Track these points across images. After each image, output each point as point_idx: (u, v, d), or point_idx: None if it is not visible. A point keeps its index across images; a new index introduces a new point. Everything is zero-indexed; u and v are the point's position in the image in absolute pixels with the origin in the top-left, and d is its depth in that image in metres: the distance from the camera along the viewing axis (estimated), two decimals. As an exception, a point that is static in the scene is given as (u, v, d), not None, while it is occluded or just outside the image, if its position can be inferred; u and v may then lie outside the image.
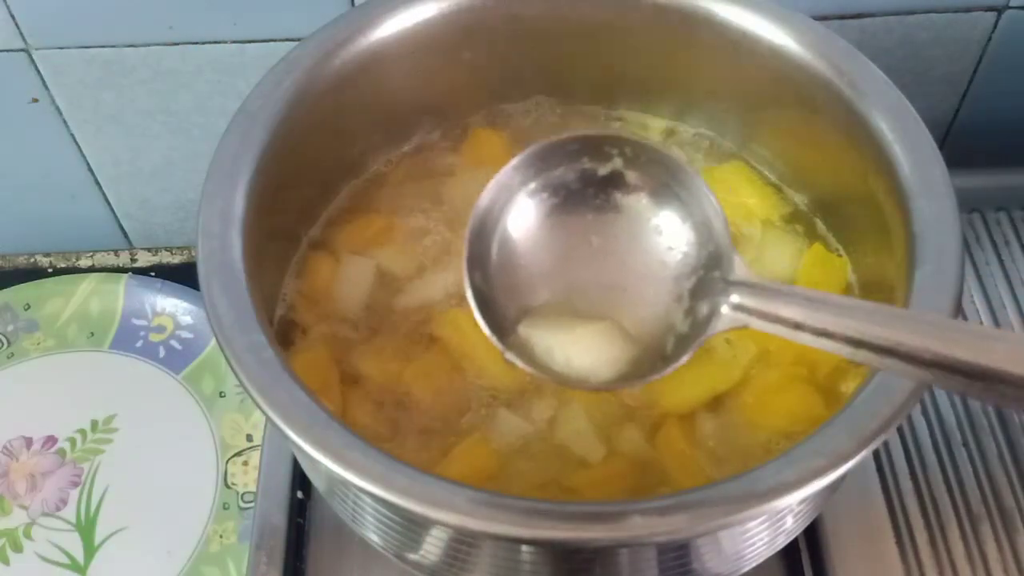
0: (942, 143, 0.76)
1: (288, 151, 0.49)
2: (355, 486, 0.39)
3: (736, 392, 0.49)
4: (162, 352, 0.75)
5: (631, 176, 0.43)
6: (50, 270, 0.81)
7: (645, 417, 0.49)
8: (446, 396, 0.49)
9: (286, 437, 0.40)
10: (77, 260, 0.81)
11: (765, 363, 0.50)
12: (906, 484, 0.59)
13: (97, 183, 0.77)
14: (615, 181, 0.43)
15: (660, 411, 0.49)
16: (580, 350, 0.42)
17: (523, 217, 0.43)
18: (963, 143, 0.77)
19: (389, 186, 0.57)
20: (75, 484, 0.69)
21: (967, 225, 0.70)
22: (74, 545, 0.67)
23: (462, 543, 0.44)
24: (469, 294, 0.41)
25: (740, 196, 0.55)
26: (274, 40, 0.66)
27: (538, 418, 0.49)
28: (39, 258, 0.81)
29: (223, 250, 0.44)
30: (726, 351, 0.50)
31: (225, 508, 0.68)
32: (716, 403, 0.49)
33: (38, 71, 0.68)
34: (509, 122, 0.59)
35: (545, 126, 0.59)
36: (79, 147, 0.74)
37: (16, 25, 0.65)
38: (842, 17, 0.68)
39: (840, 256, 0.54)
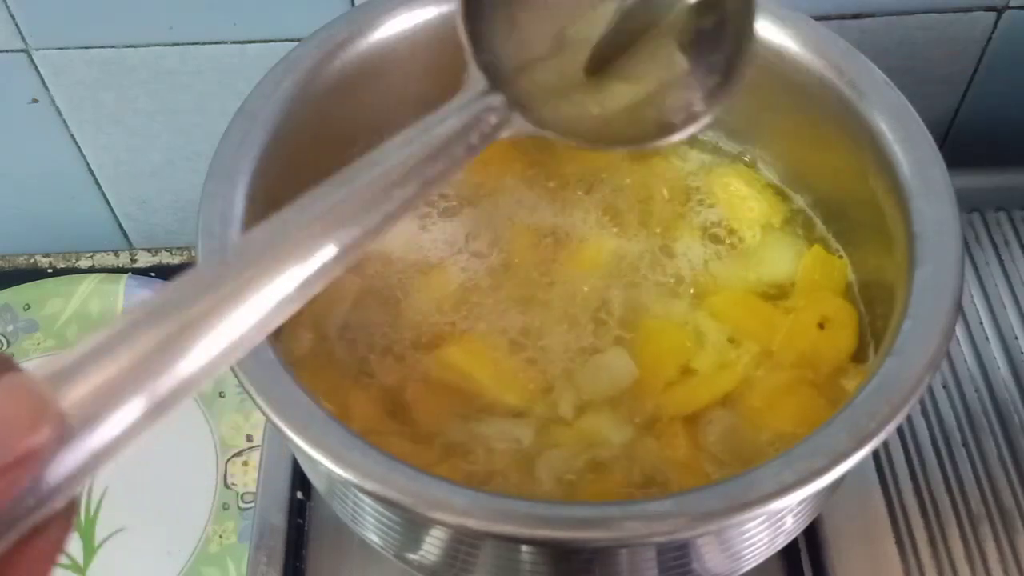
0: (942, 143, 0.76)
1: (288, 151, 0.49)
2: (355, 486, 0.39)
3: (741, 395, 0.49)
4: (162, 352, 0.75)
5: None
6: (50, 270, 0.81)
7: (650, 420, 0.49)
8: (447, 411, 0.49)
9: (286, 437, 0.40)
10: (77, 260, 0.81)
11: (768, 365, 0.50)
12: (906, 484, 0.59)
13: (97, 183, 0.77)
14: None
15: (665, 414, 0.49)
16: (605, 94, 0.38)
17: None
18: (963, 143, 0.77)
19: (389, 186, 0.57)
20: (75, 484, 0.69)
21: (967, 225, 0.70)
22: (74, 546, 0.67)
23: (462, 543, 0.44)
24: (465, 40, 0.35)
25: (740, 198, 0.56)
26: (274, 40, 0.66)
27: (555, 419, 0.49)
28: (39, 258, 0.81)
29: (223, 250, 0.44)
30: (728, 351, 0.51)
31: (225, 508, 0.68)
32: (721, 406, 0.49)
33: (38, 71, 0.68)
34: (509, 122, 0.59)
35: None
36: (79, 147, 0.74)
37: (16, 25, 0.65)
38: (842, 17, 0.68)
39: (840, 257, 0.54)
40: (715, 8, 0.38)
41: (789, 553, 0.56)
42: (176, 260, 0.81)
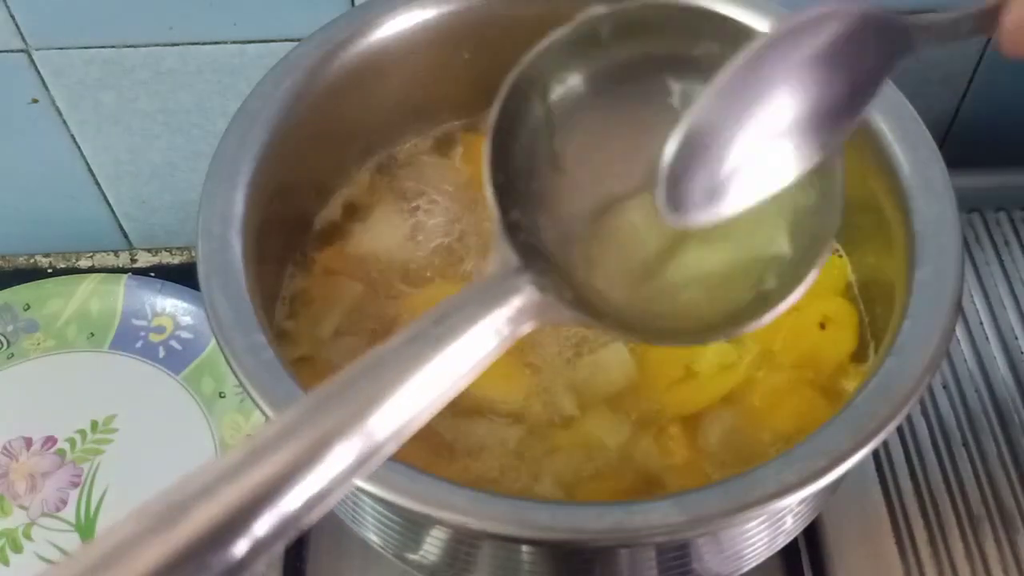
0: (942, 143, 0.76)
1: (288, 151, 0.49)
2: (355, 486, 0.39)
3: (742, 395, 0.49)
4: (162, 352, 0.75)
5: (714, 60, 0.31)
6: (50, 270, 0.81)
7: (649, 421, 0.49)
8: (446, 411, 0.49)
9: (286, 437, 0.39)
10: (77, 260, 0.81)
11: (769, 365, 0.50)
12: (906, 484, 0.59)
13: (97, 183, 0.77)
14: (694, 66, 0.34)
15: (665, 414, 0.49)
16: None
17: (570, 106, 0.34)
18: (963, 143, 0.77)
19: (388, 186, 0.57)
20: (75, 484, 0.69)
21: (967, 225, 0.70)
22: (74, 546, 0.67)
23: (462, 543, 0.44)
24: (492, 202, 0.32)
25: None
26: (274, 40, 0.66)
27: (551, 421, 0.49)
28: (39, 258, 0.81)
29: (223, 250, 0.44)
30: (728, 351, 0.51)
31: (225, 508, 0.68)
32: (721, 407, 0.49)
33: (38, 71, 0.68)
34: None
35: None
36: (79, 147, 0.74)
37: (16, 25, 0.65)
38: (842, 17, 0.67)
39: (840, 256, 0.54)
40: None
41: (789, 553, 0.56)
42: (176, 260, 0.81)
